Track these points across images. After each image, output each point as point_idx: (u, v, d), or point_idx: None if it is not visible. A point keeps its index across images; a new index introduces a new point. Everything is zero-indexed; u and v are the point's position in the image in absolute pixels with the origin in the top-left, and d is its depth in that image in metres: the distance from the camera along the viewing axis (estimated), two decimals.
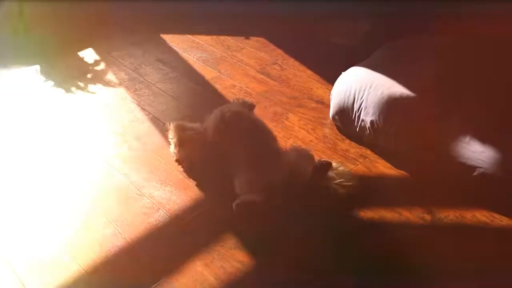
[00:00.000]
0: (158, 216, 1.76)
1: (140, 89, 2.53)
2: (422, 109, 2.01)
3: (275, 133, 2.15)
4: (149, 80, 2.61)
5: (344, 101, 2.17)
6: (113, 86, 2.55)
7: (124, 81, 2.60)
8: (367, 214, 1.78)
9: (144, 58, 2.82)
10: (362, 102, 2.11)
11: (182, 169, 1.98)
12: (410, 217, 1.77)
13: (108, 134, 2.19)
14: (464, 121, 1.93)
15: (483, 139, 1.85)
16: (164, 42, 3.01)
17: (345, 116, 2.17)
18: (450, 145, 1.89)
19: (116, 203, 1.82)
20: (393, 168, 2.00)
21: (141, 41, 3.00)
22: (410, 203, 1.83)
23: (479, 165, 1.81)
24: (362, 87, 2.15)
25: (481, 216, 1.76)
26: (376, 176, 1.96)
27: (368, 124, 2.07)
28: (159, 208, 1.80)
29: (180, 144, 1.97)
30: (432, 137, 1.94)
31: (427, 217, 1.77)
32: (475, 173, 1.82)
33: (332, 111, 2.23)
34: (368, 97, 2.10)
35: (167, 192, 1.87)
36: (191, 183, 1.91)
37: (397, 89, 2.08)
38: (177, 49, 2.92)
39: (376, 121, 2.04)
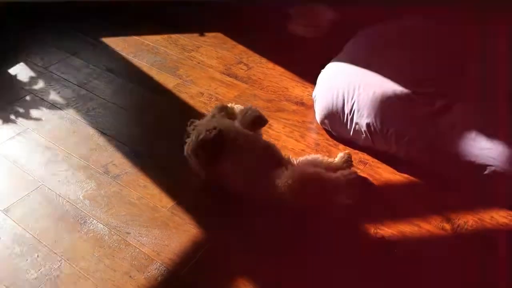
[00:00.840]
0: (154, 269, 1.49)
1: (93, 108, 2.18)
2: (420, 106, 1.87)
3: None
4: (102, 96, 2.26)
5: (333, 104, 1.98)
6: (60, 108, 2.18)
7: (72, 100, 2.23)
8: (384, 230, 1.62)
9: (90, 69, 2.44)
10: (353, 104, 1.93)
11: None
12: (430, 228, 1.64)
13: (68, 170, 1.85)
14: (466, 115, 1.82)
15: (490, 134, 1.75)
16: (106, 46, 2.64)
17: (336, 120, 1.98)
18: (456, 144, 1.77)
19: (98, 261, 1.52)
20: (397, 172, 1.85)
21: (77, 47, 2.61)
22: (425, 211, 1.70)
23: (489, 163, 1.71)
24: (350, 87, 1.97)
25: (500, 217, 1.67)
26: (381, 185, 1.80)
27: (363, 128, 1.90)
28: (152, 259, 1.52)
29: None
30: (435, 136, 1.81)
31: (447, 226, 1.64)
32: (486, 172, 1.72)
33: (319, 115, 2.03)
34: (359, 98, 1.93)
35: (157, 236, 1.60)
36: (181, 220, 1.65)
37: (389, 86, 1.93)
38: (125, 55, 2.57)
39: (373, 123, 1.88)
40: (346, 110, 1.95)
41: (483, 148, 1.73)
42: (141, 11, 2.95)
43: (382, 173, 1.85)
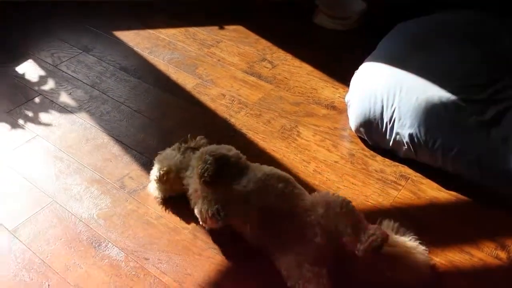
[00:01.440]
0: None
1: (107, 112, 2.01)
2: (469, 115, 1.67)
3: (289, 155, 1.76)
4: (115, 98, 2.09)
5: (370, 110, 1.79)
6: (71, 112, 2.02)
7: (84, 103, 2.07)
8: (432, 259, 1.45)
9: (102, 68, 2.27)
10: (393, 111, 1.74)
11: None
12: (483, 257, 1.46)
13: (81, 184, 1.70)
14: None
15: None
16: (120, 41, 2.46)
17: (373, 129, 1.80)
18: (509, 160, 1.57)
19: None
20: (443, 189, 1.67)
21: (89, 42, 2.44)
22: (476, 236, 1.52)
23: None
24: (390, 91, 1.77)
25: None
26: (426, 204, 1.63)
27: (405, 138, 1.71)
28: None
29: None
30: (485, 149, 1.61)
31: (502, 254, 1.47)
32: None
33: (354, 122, 1.85)
34: (401, 104, 1.73)
35: (178, 263, 1.44)
36: (204, 244, 1.50)
37: (434, 91, 1.73)
38: (140, 51, 2.39)
39: (416, 134, 1.69)
40: (385, 118, 1.76)
41: None
42: (155, 2, 2.76)
43: (426, 189, 1.67)
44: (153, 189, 1.64)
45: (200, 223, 1.48)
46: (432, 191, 1.66)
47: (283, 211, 1.39)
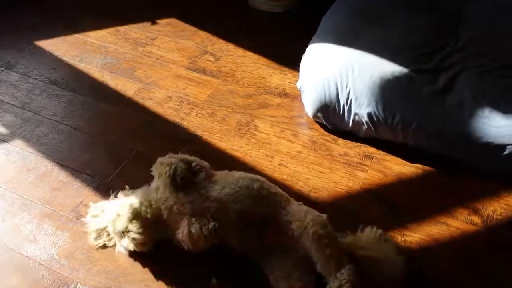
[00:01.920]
0: None
1: (45, 135, 1.83)
2: (422, 86, 1.67)
3: (251, 153, 1.70)
4: (51, 117, 1.91)
5: (325, 94, 1.74)
6: (4, 140, 1.82)
7: (17, 128, 1.87)
8: (412, 236, 1.45)
9: (30, 84, 2.07)
10: (349, 92, 1.71)
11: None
12: (459, 225, 1.48)
13: (32, 222, 1.54)
14: (473, 89, 1.64)
15: (505, 109, 1.59)
16: (45, 52, 2.24)
17: (331, 112, 1.76)
18: (468, 125, 1.60)
19: None
20: (408, 163, 1.67)
21: (9, 57, 2.20)
22: (448, 205, 1.54)
23: (508, 142, 1.56)
24: (343, 73, 1.74)
25: None
26: (395, 180, 1.62)
27: (364, 118, 1.69)
28: None
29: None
30: (443, 118, 1.62)
31: (476, 219, 1.49)
32: (505, 152, 1.56)
33: (311, 108, 1.80)
34: (355, 84, 1.70)
35: None
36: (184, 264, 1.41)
37: (386, 67, 1.71)
38: (69, 60, 2.19)
39: (375, 112, 1.67)
40: (342, 100, 1.72)
41: (500, 126, 1.57)
42: (77, 1, 2.54)
43: (391, 166, 1.67)
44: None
45: (186, 248, 1.34)
46: (398, 167, 1.66)
47: (263, 215, 1.33)
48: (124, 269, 1.40)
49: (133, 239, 1.35)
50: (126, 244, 1.38)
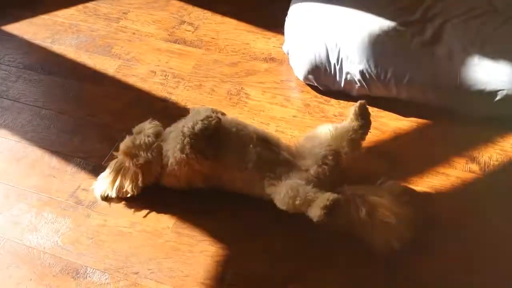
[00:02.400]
0: None
1: (28, 122, 1.75)
2: (411, 38, 1.67)
3: (245, 121, 1.67)
4: (31, 103, 1.82)
5: (315, 56, 1.72)
6: None
7: None
8: (414, 190, 1.48)
9: (4, 72, 1.96)
10: (339, 51, 1.69)
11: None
12: (459, 174, 1.52)
13: (30, 212, 1.48)
14: (460, 38, 1.66)
15: (493, 55, 1.61)
16: (13, 36, 2.12)
17: (322, 73, 1.74)
18: (459, 73, 1.61)
19: None
20: (403, 117, 1.69)
21: None
22: (446, 155, 1.57)
23: (500, 88, 1.59)
24: (330, 32, 1.72)
25: None
26: (392, 136, 1.64)
27: (357, 76, 1.69)
28: None
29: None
30: (434, 69, 1.64)
31: (474, 166, 1.53)
32: (497, 98, 1.60)
33: (301, 71, 1.78)
34: (345, 43, 1.69)
35: (171, 267, 1.33)
36: (191, 240, 1.39)
37: (374, 23, 1.71)
38: (40, 42, 2.09)
39: (366, 69, 1.67)
40: (332, 60, 1.71)
41: (490, 73, 1.59)
42: None
43: (387, 122, 1.68)
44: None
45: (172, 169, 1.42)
46: (393, 122, 1.68)
47: (274, 142, 1.43)
48: (133, 249, 1.38)
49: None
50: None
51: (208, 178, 1.45)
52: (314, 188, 1.29)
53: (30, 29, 2.15)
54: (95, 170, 1.58)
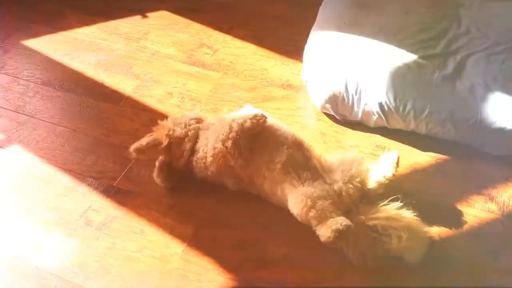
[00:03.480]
0: None
1: (43, 138, 1.76)
2: (432, 71, 1.65)
3: None
4: (48, 120, 1.83)
5: (333, 85, 1.71)
6: (0, 146, 1.74)
7: (12, 132, 1.79)
8: (434, 228, 1.43)
9: (22, 87, 1.98)
10: (358, 82, 1.67)
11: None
12: (477, 213, 1.47)
13: (38, 229, 1.47)
14: (482, 72, 1.63)
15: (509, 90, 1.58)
16: (33, 52, 2.14)
17: (340, 103, 1.72)
18: (481, 110, 1.58)
19: None
20: (420, 151, 1.66)
21: None
22: (464, 194, 1.53)
23: None
24: (350, 63, 1.70)
25: None
26: (409, 171, 1.60)
27: (376, 108, 1.66)
28: None
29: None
30: (455, 103, 1.61)
31: (493, 206, 1.49)
32: None
33: (319, 99, 1.76)
34: (364, 74, 1.67)
35: None
36: (199, 268, 1.36)
37: (394, 54, 1.69)
38: (60, 59, 2.10)
39: (385, 101, 1.64)
40: (351, 90, 1.69)
41: (511, 110, 1.56)
42: None
43: (405, 156, 1.64)
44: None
45: (207, 162, 1.45)
46: (412, 156, 1.64)
47: (307, 148, 1.48)
48: (140, 275, 1.36)
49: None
50: None
51: (237, 177, 1.46)
52: (332, 207, 1.31)
53: (51, 45, 2.17)
54: (106, 191, 1.57)
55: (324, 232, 1.26)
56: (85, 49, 2.15)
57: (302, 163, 1.42)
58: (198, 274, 1.35)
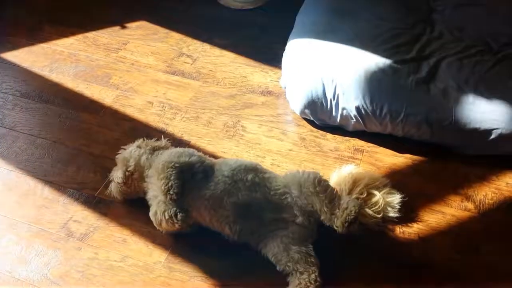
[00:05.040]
0: None
1: (23, 151, 1.75)
2: (407, 75, 1.69)
3: (241, 154, 1.70)
4: (27, 132, 1.82)
5: (311, 91, 1.74)
6: None
7: None
8: (408, 227, 1.47)
9: (0, 99, 1.96)
10: (335, 87, 1.71)
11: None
12: (454, 212, 1.51)
13: (20, 243, 1.46)
14: (455, 76, 1.68)
15: (487, 95, 1.63)
16: (11, 64, 2.13)
17: (318, 108, 1.75)
18: (455, 112, 1.63)
19: None
20: (398, 154, 1.69)
21: None
22: (441, 193, 1.57)
23: (494, 126, 1.60)
24: (327, 68, 1.74)
25: None
26: (387, 172, 1.64)
27: (353, 112, 1.70)
28: None
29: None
30: (430, 106, 1.65)
31: (469, 205, 1.53)
32: (492, 137, 1.60)
33: (298, 105, 1.79)
34: (341, 79, 1.71)
35: None
36: (183, 275, 1.37)
37: (369, 59, 1.73)
38: (38, 70, 2.10)
39: (362, 105, 1.68)
40: (329, 95, 1.72)
41: (484, 112, 1.61)
42: (36, 8, 2.43)
43: (382, 158, 1.68)
44: (115, 191, 1.52)
45: (156, 227, 1.42)
46: (388, 158, 1.68)
47: (258, 201, 1.38)
48: (124, 285, 1.36)
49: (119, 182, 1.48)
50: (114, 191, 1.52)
51: None
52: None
53: (29, 57, 2.16)
54: (88, 201, 1.57)
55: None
56: (64, 60, 2.15)
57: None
58: (182, 281, 1.36)
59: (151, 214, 1.42)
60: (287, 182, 1.42)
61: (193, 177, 1.41)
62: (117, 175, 1.50)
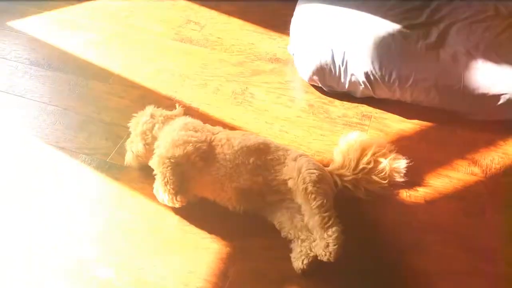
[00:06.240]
0: None
1: (35, 117, 1.77)
2: (416, 41, 1.69)
3: (250, 121, 1.69)
4: (38, 99, 1.84)
5: (320, 57, 1.74)
6: None
7: (3, 112, 1.80)
8: (415, 191, 1.49)
9: (10, 67, 1.98)
10: (344, 53, 1.71)
11: None
12: (461, 176, 1.53)
13: (31, 216, 1.50)
14: (465, 41, 1.67)
15: (496, 60, 1.62)
16: (20, 33, 2.14)
17: (327, 75, 1.76)
18: (462, 77, 1.63)
19: None
20: (406, 120, 1.70)
21: None
22: (449, 158, 1.58)
23: (503, 91, 1.60)
24: (336, 35, 1.73)
25: None
26: (395, 138, 1.65)
27: (362, 78, 1.70)
28: None
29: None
30: (439, 72, 1.65)
31: (476, 169, 1.54)
32: (500, 102, 1.61)
33: (306, 72, 1.79)
34: (350, 45, 1.70)
35: (176, 263, 1.35)
36: (196, 237, 1.41)
37: (379, 25, 1.72)
38: (47, 39, 2.10)
39: (371, 71, 1.68)
40: (337, 62, 1.72)
41: (493, 77, 1.61)
42: None
43: (390, 124, 1.69)
44: (133, 161, 1.54)
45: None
46: (397, 124, 1.69)
47: (260, 184, 1.39)
48: (138, 245, 1.40)
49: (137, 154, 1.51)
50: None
51: None
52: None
53: (38, 26, 2.16)
54: (100, 166, 1.60)
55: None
56: (72, 28, 2.15)
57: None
58: (195, 242, 1.39)
59: (154, 191, 1.43)
60: (291, 167, 1.38)
61: (193, 166, 1.40)
62: (137, 148, 1.50)
